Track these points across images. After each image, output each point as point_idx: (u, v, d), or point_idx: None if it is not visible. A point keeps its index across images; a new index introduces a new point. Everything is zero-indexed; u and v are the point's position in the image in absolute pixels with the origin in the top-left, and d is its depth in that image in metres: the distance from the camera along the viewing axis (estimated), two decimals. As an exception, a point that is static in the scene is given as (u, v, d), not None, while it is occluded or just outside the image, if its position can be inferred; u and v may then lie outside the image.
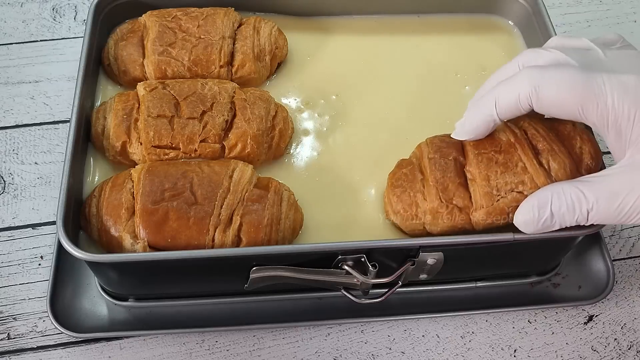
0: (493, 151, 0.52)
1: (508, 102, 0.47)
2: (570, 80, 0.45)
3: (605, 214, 0.44)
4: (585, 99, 0.44)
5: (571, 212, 0.45)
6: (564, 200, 0.45)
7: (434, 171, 0.52)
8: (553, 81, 0.45)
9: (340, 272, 0.51)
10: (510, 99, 0.47)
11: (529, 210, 0.47)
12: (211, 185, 0.52)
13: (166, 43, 0.60)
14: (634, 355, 0.59)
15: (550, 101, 0.46)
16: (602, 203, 0.44)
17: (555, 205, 0.46)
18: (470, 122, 0.51)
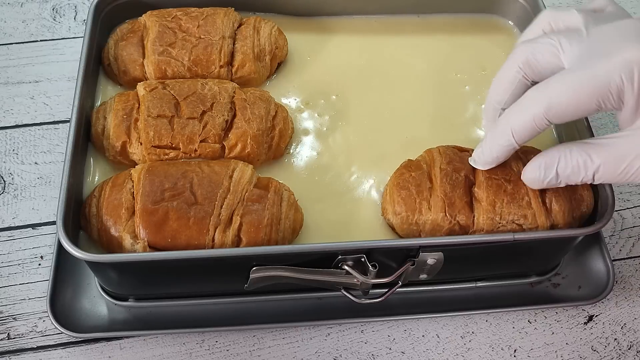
0: (503, 179, 0.53)
1: (524, 128, 0.47)
2: (577, 86, 0.44)
3: (611, 175, 0.45)
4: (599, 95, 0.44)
5: (576, 173, 0.46)
6: (570, 163, 0.47)
7: (444, 184, 0.53)
8: (562, 95, 0.45)
9: (340, 272, 0.51)
10: (525, 125, 0.47)
11: (536, 169, 0.49)
12: (211, 185, 0.51)
13: (166, 43, 0.61)
14: (634, 355, 0.59)
15: (566, 113, 0.45)
16: (608, 166, 0.45)
17: (561, 166, 0.47)
18: (490, 152, 0.51)
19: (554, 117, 0.46)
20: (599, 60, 0.44)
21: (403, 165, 0.56)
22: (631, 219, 0.67)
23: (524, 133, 0.47)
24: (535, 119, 0.46)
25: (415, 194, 0.53)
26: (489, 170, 0.53)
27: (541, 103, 0.45)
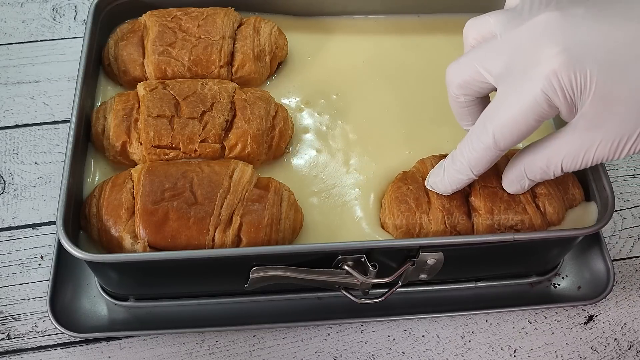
0: (498, 186, 0.53)
1: (480, 163, 0.48)
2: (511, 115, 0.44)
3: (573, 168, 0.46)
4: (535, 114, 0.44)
5: (545, 175, 0.48)
6: (536, 171, 0.48)
7: (441, 197, 0.53)
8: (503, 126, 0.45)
9: (340, 272, 0.51)
10: (481, 160, 0.48)
11: (513, 184, 0.51)
12: (211, 185, 0.51)
13: (166, 43, 0.60)
14: (634, 355, 0.59)
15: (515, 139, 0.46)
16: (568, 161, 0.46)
17: (530, 175, 0.49)
18: (450, 184, 0.52)
19: (505, 146, 0.46)
20: (521, 80, 0.43)
21: (399, 178, 0.56)
22: (631, 219, 0.67)
23: (481, 166, 0.49)
24: (487, 153, 0.47)
25: (415, 207, 0.53)
26: (484, 178, 0.53)
27: (488, 139, 0.46)
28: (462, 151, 0.49)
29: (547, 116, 0.44)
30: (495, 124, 0.45)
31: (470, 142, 0.48)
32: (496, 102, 0.46)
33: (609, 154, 0.43)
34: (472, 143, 0.48)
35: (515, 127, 0.45)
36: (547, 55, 0.42)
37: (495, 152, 0.47)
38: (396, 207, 0.54)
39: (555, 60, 0.41)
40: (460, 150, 0.49)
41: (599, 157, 0.44)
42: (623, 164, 0.71)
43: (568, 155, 0.45)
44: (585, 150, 0.44)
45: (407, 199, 0.54)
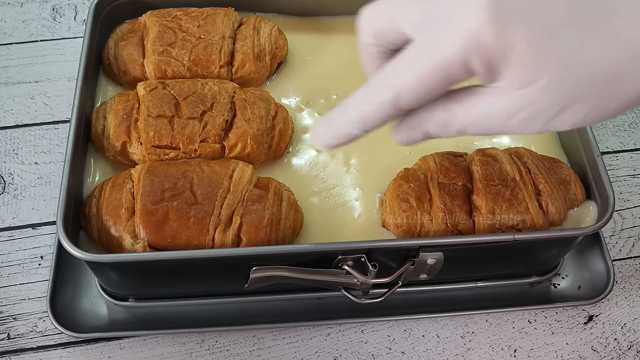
0: (500, 185, 0.53)
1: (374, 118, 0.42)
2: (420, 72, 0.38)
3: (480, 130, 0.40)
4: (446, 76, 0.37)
5: (443, 131, 0.42)
6: (434, 123, 0.42)
7: (443, 195, 0.53)
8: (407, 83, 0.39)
9: (340, 272, 0.51)
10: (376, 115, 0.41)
11: (398, 133, 0.45)
12: (211, 185, 0.51)
13: (166, 43, 0.60)
14: (634, 355, 0.59)
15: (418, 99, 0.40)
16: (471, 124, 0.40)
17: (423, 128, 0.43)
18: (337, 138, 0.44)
19: (405, 105, 0.40)
20: (438, 34, 0.37)
21: (400, 176, 0.56)
22: (631, 219, 0.67)
23: (375, 123, 0.42)
24: (385, 108, 0.41)
25: (416, 206, 0.53)
26: (486, 177, 0.53)
27: (388, 92, 0.40)
28: (357, 102, 0.42)
29: (459, 79, 0.38)
30: (400, 79, 0.39)
31: (368, 93, 0.42)
32: (406, 54, 0.39)
33: (521, 127, 0.38)
34: (369, 94, 0.41)
35: (420, 87, 0.39)
36: (470, 9, 0.36)
37: (393, 110, 0.41)
38: (397, 205, 0.54)
39: (478, 16, 0.35)
40: (355, 100, 0.42)
41: (510, 128, 0.38)
42: (623, 164, 0.71)
43: (476, 117, 0.39)
44: (497, 116, 0.38)
45: (409, 198, 0.54)
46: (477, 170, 0.54)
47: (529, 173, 0.54)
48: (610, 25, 0.34)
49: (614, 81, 0.35)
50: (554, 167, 0.56)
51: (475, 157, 0.55)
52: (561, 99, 0.36)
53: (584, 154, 0.57)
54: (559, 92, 0.36)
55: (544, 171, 0.54)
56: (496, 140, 0.62)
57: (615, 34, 0.34)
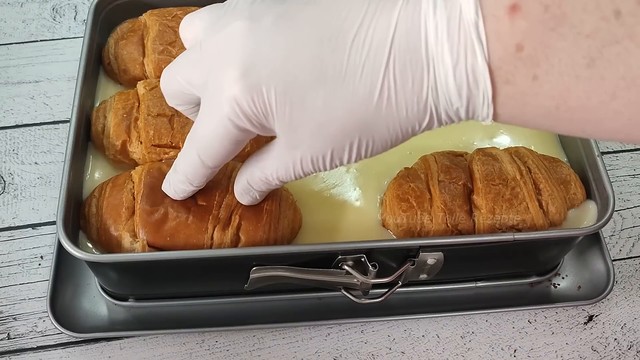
0: (501, 184, 0.53)
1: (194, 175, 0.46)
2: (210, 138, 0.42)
3: (289, 179, 0.44)
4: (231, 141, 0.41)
5: (268, 185, 0.46)
6: (258, 183, 0.46)
7: (443, 195, 0.53)
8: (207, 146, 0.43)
9: (340, 272, 0.51)
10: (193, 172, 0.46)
11: (241, 198, 0.49)
12: (210, 185, 0.51)
13: (166, 42, 0.60)
14: (634, 355, 0.59)
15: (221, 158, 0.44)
16: (281, 175, 0.43)
17: (255, 187, 0.47)
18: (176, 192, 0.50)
19: (211, 164, 0.44)
20: (213, 100, 0.40)
21: (400, 175, 0.56)
22: (631, 219, 0.67)
23: (198, 180, 0.47)
24: (199, 169, 0.45)
25: (416, 205, 0.53)
26: (486, 176, 0.53)
27: (195, 154, 0.44)
28: (180, 163, 0.46)
29: (245, 137, 0.42)
30: (197, 143, 0.43)
31: (184, 156, 0.45)
32: (198, 118, 0.43)
33: (314, 169, 0.41)
34: (185, 157, 0.45)
35: (214, 149, 0.42)
36: (229, 79, 0.38)
37: (206, 169, 0.45)
38: (397, 205, 0.54)
39: (235, 87, 0.38)
40: (179, 161, 0.47)
41: (307, 171, 0.42)
42: (623, 164, 0.71)
43: (279, 168, 0.43)
44: (292, 165, 0.42)
45: (409, 197, 0.54)
46: (478, 169, 0.54)
47: (530, 172, 0.54)
48: (348, 84, 0.36)
49: (365, 129, 0.38)
50: (554, 167, 0.56)
51: (475, 157, 0.55)
52: (326, 148, 0.39)
53: (584, 154, 0.57)
54: (322, 144, 0.39)
55: (544, 171, 0.54)
56: (496, 139, 0.62)
57: (354, 92, 0.36)
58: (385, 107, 0.36)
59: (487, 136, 0.62)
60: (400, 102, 0.36)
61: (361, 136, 0.38)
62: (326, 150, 0.39)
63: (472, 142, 0.62)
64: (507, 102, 0.35)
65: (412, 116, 0.37)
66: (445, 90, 0.35)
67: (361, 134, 0.38)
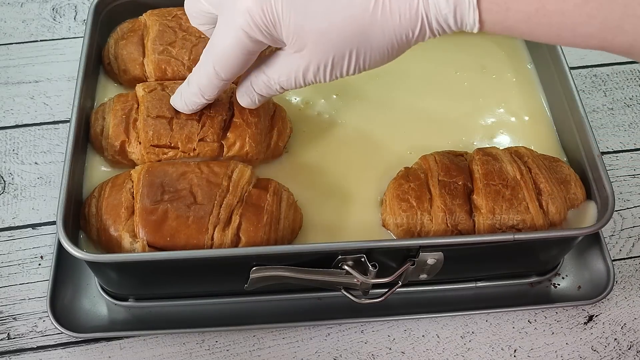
0: (501, 184, 0.53)
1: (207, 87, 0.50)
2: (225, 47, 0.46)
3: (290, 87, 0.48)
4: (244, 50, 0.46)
5: (269, 90, 0.50)
6: (260, 86, 0.50)
7: (443, 195, 0.53)
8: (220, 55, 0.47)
9: (340, 272, 0.51)
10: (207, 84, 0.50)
11: (242, 98, 0.53)
12: (210, 185, 0.52)
13: (166, 42, 0.60)
14: (634, 355, 0.59)
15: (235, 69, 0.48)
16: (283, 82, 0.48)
17: (257, 90, 0.51)
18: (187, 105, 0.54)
19: (224, 76, 0.48)
20: (228, 13, 0.45)
21: (400, 175, 0.56)
22: (631, 219, 0.67)
23: (210, 92, 0.51)
24: (213, 81, 0.49)
25: (416, 205, 0.53)
26: (486, 176, 0.53)
27: (210, 66, 0.48)
28: (195, 76, 0.51)
29: (257, 48, 0.46)
30: (213, 55, 0.47)
31: (199, 69, 0.50)
32: (214, 33, 0.47)
33: (315, 79, 0.46)
34: (200, 69, 0.50)
35: (228, 60, 0.47)
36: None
37: (220, 81, 0.49)
38: (397, 205, 0.54)
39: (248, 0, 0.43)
40: (193, 74, 0.51)
41: (308, 80, 0.47)
42: (623, 164, 0.71)
43: (282, 75, 0.47)
44: (294, 71, 0.46)
45: (409, 197, 0.54)
46: (478, 169, 0.54)
47: (530, 172, 0.54)
48: None
49: (364, 37, 0.42)
50: (554, 167, 0.56)
51: (475, 157, 0.55)
52: (328, 54, 0.44)
53: (584, 154, 0.57)
54: (324, 51, 0.44)
55: (544, 170, 0.54)
56: (496, 139, 0.62)
57: None
58: (381, 14, 0.41)
59: (487, 136, 0.62)
60: (394, 9, 0.40)
61: (360, 44, 0.43)
62: (328, 57, 0.44)
63: (472, 142, 0.62)
64: (490, 8, 0.39)
65: (405, 23, 0.41)
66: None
67: (359, 42, 0.43)
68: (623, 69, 0.78)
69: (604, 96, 0.76)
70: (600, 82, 0.77)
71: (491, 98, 0.65)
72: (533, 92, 0.66)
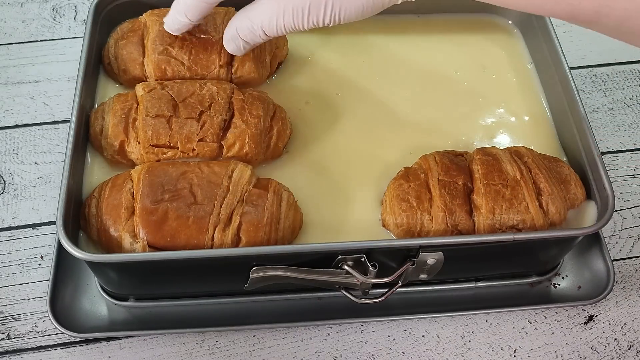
0: (501, 184, 0.53)
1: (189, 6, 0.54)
2: None
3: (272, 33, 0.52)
4: None
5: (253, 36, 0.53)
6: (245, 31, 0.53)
7: (443, 194, 0.53)
8: None
9: (340, 272, 0.51)
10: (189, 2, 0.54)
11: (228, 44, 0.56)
12: (210, 185, 0.52)
13: (166, 42, 0.60)
14: (634, 355, 0.59)
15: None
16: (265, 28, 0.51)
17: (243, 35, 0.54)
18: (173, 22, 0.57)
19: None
20: None
21: (400, 175, 0.56)
22: (631, 219, 0.67)
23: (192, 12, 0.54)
24: None
25: (416, 205, 0.53)
26: (486, 176, 0.53)
27: None
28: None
29: None
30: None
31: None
32: None
33: (294, 24, 0.50)
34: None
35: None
36: None
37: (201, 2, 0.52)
38: (397, 205, 0.54)
39: None
40: None
41: (287, 25, 0.50)
42: (623, 164, 0.71)
43: (264, 19, 0.51)
44: (276, 16, 0.50)
45: (409, 197, 0.54)
46: (478, 169, 0.54)
47: (530, 172, 0.54)
48: None
49: None
50: (554, 167, 0.56)
51: (475, 157, 0.55)
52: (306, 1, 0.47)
53: (584, 154, 0.57)
54: None
55: (544, 170, 0.54)
56: (496, 139, 0.62)
57: None
58: None
59: (487, 136, 0.62)
60: None
61: None
62: (305, 2, 0.48)
63: (472, 142, 0.62)
64: None
65: None
66: None
67: None
68: (623, 69, 0.79)
69: (604, 96, 0.76)
70: (600, 82, 0.77)
71: (491, 98, 0.65)
72: (533, 92, 0.66)
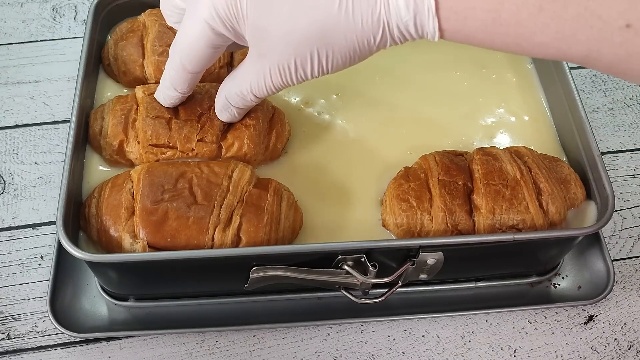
0: (501, 184, 0.53)
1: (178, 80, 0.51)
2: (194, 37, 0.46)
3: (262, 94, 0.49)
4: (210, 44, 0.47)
5: (244, 102, 0.51)
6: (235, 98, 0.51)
7: (443, 194, 0.53)
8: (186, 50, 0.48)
9: (340, 272, 0.51)
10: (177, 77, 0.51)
11: (221, 114, 0.54)
12: (210, 185, 0.52)
13: (166, 43, 0.60)
14: (634, 355, 0.59)
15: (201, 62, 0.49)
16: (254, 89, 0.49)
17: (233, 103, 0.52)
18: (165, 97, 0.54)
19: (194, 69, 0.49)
20: (194, 6, 0.46)
21: (400, 175, 0.56)
22: (631, 219, 0.67)
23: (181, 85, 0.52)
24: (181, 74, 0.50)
25: (416, 205, 0.53)
26: (486, 176, 0.53)
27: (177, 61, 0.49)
28: (166, 69, 0.52)
29: (221, 42, 0.47)
30: (179, 48, 0.48)
31: (169, 61, 0.51)
32: (181, 26, 0.48)
33: (282, 81, 0.46)
34: (169, 62, 0.51)
35: (193, 52, 0.48)
36: None
37: (187, 73, 0.50)
38: (397, 205, 0.54)
39: None
40: (166, 67, 0.52)
41: (276, 83, 0.47)
42: (623, 164, 0.71)
43: (252, 82, 0.48)
44: (263, 77, 0.47)
45: (409, 197, 0.54)
46: (478, 169, 0.54)
47: (530, 172, 0.54)
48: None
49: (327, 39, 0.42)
50: (554, 166, 0.56)
51: (475, 156, 0.55)
52: (290, 56, 0.44)
53: (584, 154, 0.57)
54: (287, 52, 0.44)
55: (544, 170, 0.54)
56: (496, 139, 0.62)
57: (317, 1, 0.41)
58: (344, 17, 0.41)
59: (487, 136, 0.62)
60: (356, 13, 0.41)
61: (322, 45, 0.43)
62: (291, 58, 0.44)
63: (472, 142, 0.62)
64: (449, 17, 0.39)
65: (367, 28, 0.41)
66: (395, 5, 0.40)
67: (322, 43, 0.43)
68: (623, 69, 0.78)
69: (604, 96, 0.76)
70: (600, 82, 0.77)
71: (491, 98, 0.65)
72: (533, 92, 0.66)
